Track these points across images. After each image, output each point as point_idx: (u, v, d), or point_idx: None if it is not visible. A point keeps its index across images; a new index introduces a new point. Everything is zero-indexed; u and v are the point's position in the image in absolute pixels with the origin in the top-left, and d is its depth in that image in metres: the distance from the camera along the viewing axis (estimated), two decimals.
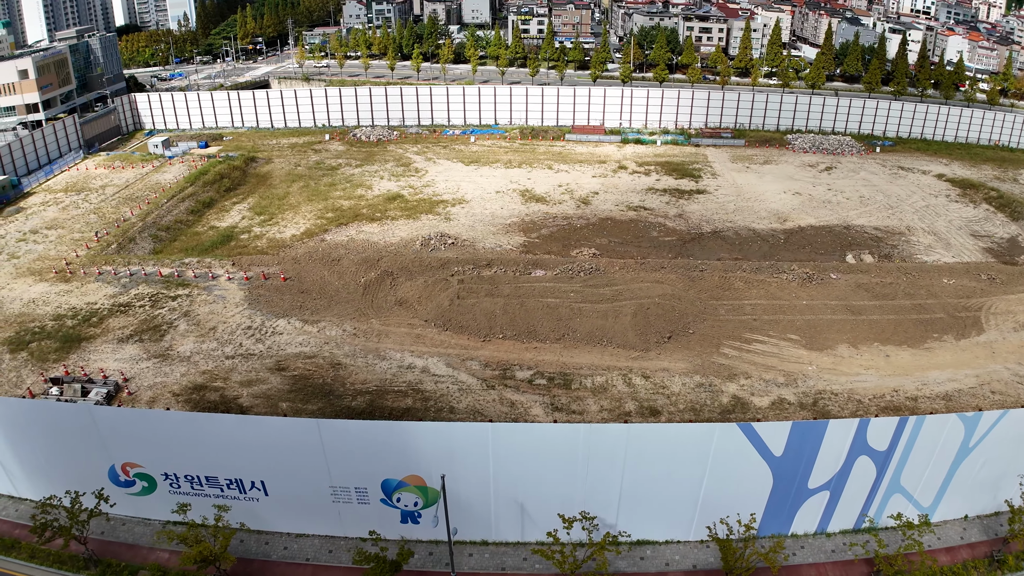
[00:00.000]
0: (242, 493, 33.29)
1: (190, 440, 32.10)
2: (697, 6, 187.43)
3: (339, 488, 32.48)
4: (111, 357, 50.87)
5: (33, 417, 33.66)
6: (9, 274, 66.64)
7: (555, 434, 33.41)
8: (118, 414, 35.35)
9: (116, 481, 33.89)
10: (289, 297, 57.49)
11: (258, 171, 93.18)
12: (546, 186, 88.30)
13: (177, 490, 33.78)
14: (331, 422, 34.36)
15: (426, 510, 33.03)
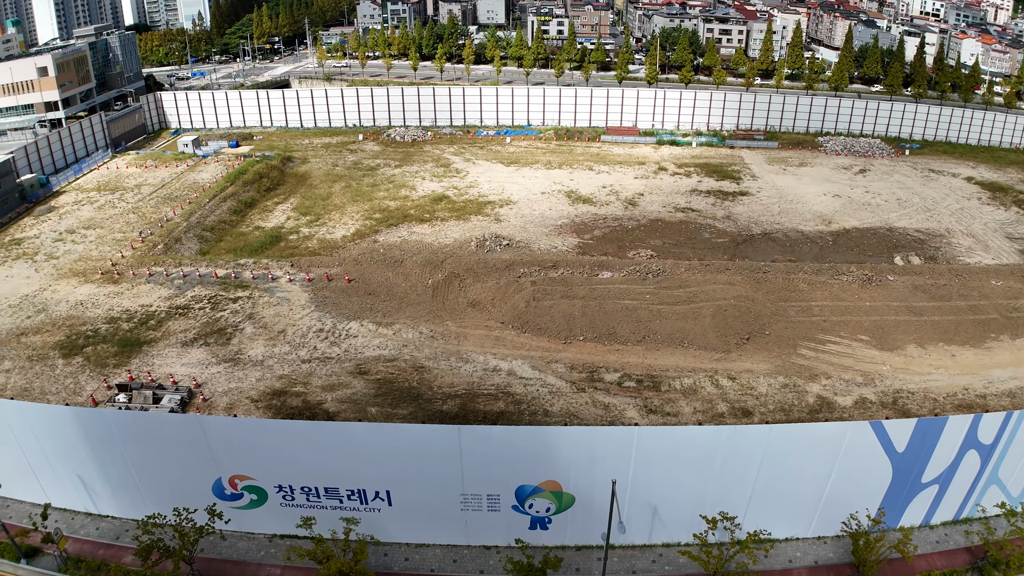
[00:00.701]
0: (363, 504, 31.99)
1: (312, 450, 30.70)
2: (712, 7, 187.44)
3: (471, 496, 31.39)
4: (176, 362, 49.37)
5: (131, 429, 31.94)
6: (50, 275, 65.08)
7: (698, 436, 32.91)
8: (233, 424, 33.71)
9: (220, 495, 32.33)
10: (357, 299, 56.17)
11: (296, 171, 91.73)
12: (590, 187, 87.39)
13: (290, 503, 32.37)
14: (473, 428, 33.33)
15: (557, 516, 32.20)
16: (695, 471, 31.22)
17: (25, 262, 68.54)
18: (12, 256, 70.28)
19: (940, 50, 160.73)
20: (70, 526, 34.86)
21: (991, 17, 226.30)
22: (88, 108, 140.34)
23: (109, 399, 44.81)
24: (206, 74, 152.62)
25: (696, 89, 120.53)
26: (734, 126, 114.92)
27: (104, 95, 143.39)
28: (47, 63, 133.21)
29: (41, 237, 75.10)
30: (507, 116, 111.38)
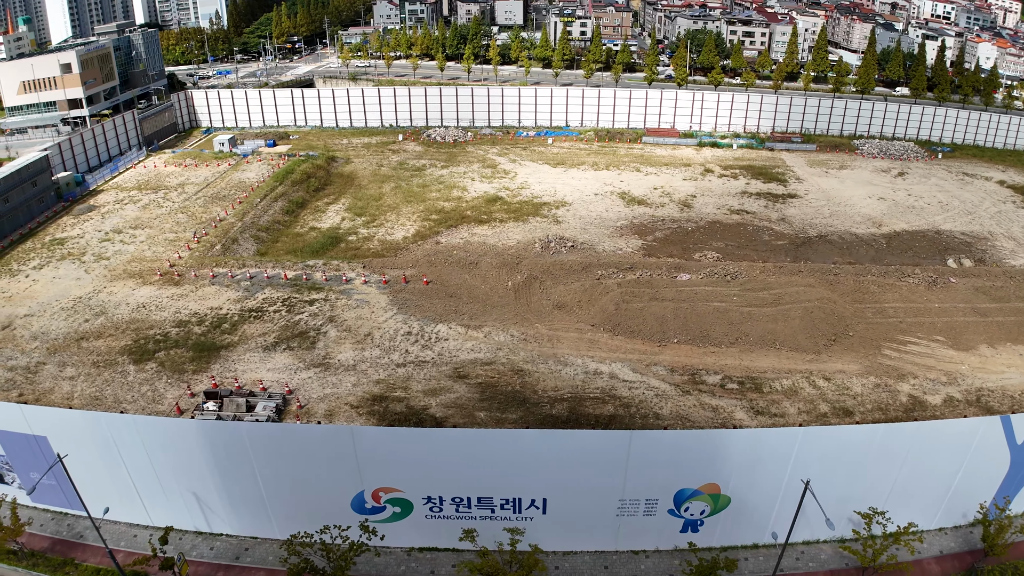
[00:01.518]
0: (516, 513, 30.88)
1: (468, 459, 29.62)
2: (728, 9, 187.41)
3: (629, 501, 30.63)
4: (261, 367, 47.90)
5: (268, 442, 30.44)
6: (103, 276, 63.48)
7: (856, 435, 32.53)
8: (386, 434, 32.10)
9: (360, 509, 31.00)
10: (439, 301, 54.96)
11: (341, 171, 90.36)
12: (641, 189, 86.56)
13: (437, 514, 31.21)
14: (644, 433, 32.36)
15: (710, 518, 31.78)
16: (847, 469, 31.03)
17: (72, 262, 66.92)
18: (56, 256, 68.64)
19: (960, 54, 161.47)
20: (177, 547, 33.28)
21: (1000, 20, 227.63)
22: (112, 106, 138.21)
23: (195, 407, 43.17)
24: (231, 72, 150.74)
25: (733, 91, 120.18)
26: (769, 128, 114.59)
27: (127, 93, 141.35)
28: (71, 59, 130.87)
29: (86, 237, 73.39)
30: (545, 117, 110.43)
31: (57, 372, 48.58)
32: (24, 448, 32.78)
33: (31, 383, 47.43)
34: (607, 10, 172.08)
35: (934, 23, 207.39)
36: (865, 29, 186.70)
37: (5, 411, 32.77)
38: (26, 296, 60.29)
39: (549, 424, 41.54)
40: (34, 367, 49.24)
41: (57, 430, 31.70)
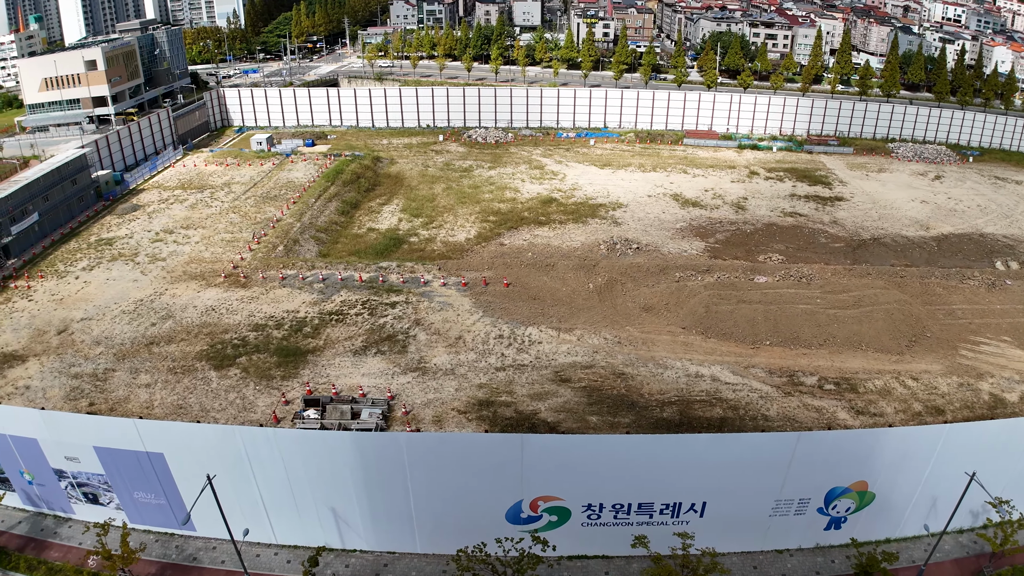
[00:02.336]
0: (674, 517, 30.41)
1: (635, 465, 29.00)
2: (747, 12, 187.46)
3: (783, 501, 30.46)
4: (354, 372, 46.82)
5: (428, 452, 29.37)
6: (162, 278, 62.22)
7: (996, 430, 32.72)
8: (557, 442, 31.14)
9: (515, 519, 30.18)
10: (523, 304, 54.19)
11: (388, 171, 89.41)
12: (692, 191, 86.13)
13: (595, 521, 30.54)
14: (810, 434, 32.18)
15: (853, 515, 31.91)
16: (982, 463, 30.81)
17: (125, 263, 65.70)
18: (107, 257, 67.42)
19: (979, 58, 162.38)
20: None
21: (1010, 23, 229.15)
22: (137, 104, 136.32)
23: (294, 415, 41.81)
24: (257, 71, 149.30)
25: (769, 94, 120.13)
26: (804, 131, 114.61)
27: (152, 91, 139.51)
28: (96, 56, 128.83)
29: (135, 237, 72.07)
30: (583, 118, 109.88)
31: (130, 379, 47.14)
32: (131, 466, 31.44)
33: (101, 391, 45.95)
34: (629, 11, 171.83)
35: (948, 26, 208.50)
36: (882, 32, 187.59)
37: (114, 427, 31.35)
38: (80, 299, 58.96)
39: (663, 428, 40.99)
40: (102, 374, 47.79)
41: (178, 446, 30.27)
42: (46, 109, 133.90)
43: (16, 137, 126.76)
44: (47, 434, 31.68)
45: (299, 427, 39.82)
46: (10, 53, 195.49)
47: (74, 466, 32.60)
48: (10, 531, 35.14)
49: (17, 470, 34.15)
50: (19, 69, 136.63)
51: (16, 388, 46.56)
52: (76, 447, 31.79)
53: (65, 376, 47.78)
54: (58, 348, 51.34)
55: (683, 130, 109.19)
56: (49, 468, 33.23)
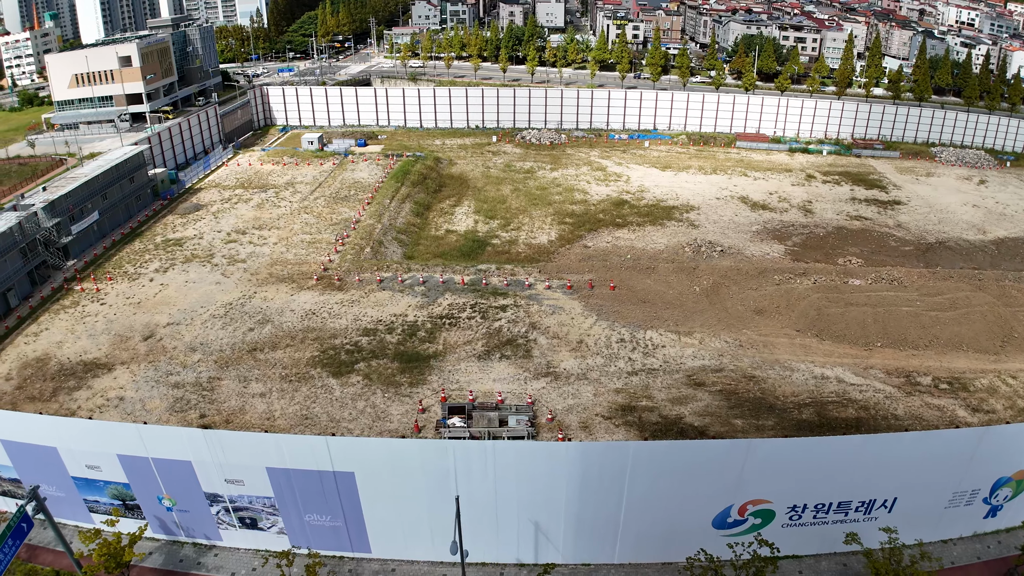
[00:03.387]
0: (866, 514, 30.59)
1: (840, 464, 29.08)
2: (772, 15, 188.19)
3: (959, 493, 31.20)
4: (484, 377, 45.89)
5: (652, 460, 28.73)
6: (248, 280, 60.97)
7: None
8: (780, 445, 31.08)
9: (722, 524, 30.03)
10: (634, 307, 53.89)
11: (450, 172, 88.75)
12: (758, 193, 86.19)
13: (796, 522, 30.53)
14: (989, 429, 32.72)
15: (1009, 502, 32.78)
16: None
17: (201, 265, 64.59)
18: (179, 258, 66.25)
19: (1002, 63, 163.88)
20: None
21: (1021, 27, 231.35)
22: (171, 102, 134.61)
23: (437, 424, 40.62)
24: (292, 70, 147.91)
25: (816, 98, 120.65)
26: (848, 135, 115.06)
27: (185, 89, 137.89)
28: (131, 52, 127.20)
29: (206, 238, 70.80)
30: (633, 120, 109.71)
31: (240, 388, 45.71)
32: (310, 488, 29.75)
33: (211, 402, 44.46)
34: (657, 13, 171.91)
35: (967, 31, 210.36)
36: (904, 36, 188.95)
37: (298, 446, 29.36)
38: (160, 302, 57.69)
39: (805, 429, 41.26)
40: (207, 383, 46.37)
41: (373, 464, 28.67)
42: (76, 106, 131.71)
43: (49, 134, 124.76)
44: (208, 455, 29.61)
45: (447, 436, 39.10)
46: (25, 51, 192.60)
47: (235, 489, 30.68)
48: (141, 564, 32.41)
49: (155, 496, 32.01)
50: (48, 65, 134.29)
51: (108, 400, 44.89)
52: (243, 469, 29.84)
53: (164, 386, 46.26)
54: (147, 355, 49.93)
55: (732, 133, 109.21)
56: (200, 492, 31.29)
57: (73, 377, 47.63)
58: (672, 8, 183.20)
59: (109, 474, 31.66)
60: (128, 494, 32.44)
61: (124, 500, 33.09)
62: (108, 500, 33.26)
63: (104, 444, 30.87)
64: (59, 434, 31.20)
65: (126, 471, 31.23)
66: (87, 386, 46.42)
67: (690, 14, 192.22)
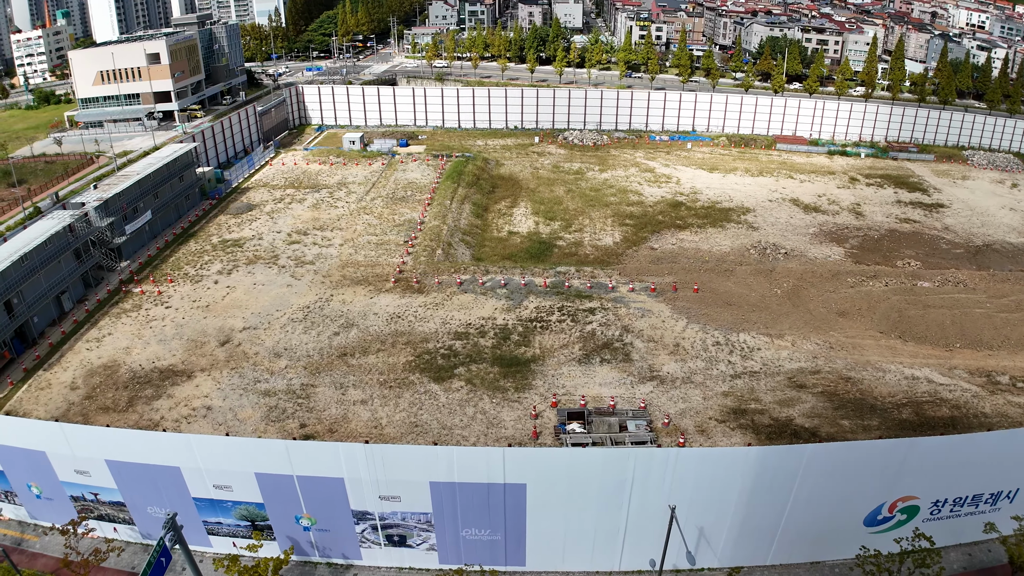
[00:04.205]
0: (992, 505, 31.39)
1: (984, 459, 29.81)
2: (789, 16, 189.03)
3: None
4: (589, 381, 45.70)
5: (827, 461, 28.76)
6: (319, 283, 60.12)
7: None
8: (940, 444, 31.18)
9: (872, 522, 30.57)
10: (721, 310, 54.20)
11: (500, 173, 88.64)
12: (807, 196, 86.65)
13: (935, 516, 31.17)
14: None
15: None
16: None
17: (267, 267, 63.73)
18: (242, 260, 65.26)
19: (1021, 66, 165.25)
20: None
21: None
22: (198, 101, 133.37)
23: (556, 430, 40.28)
24: (322, 69, 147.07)
25: (852, 101, 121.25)
26: (882, 137, 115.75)
27: (212, 88, 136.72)
28: (160, 49, 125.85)
29: (265, 238, 69.95)
30: (672, 121, 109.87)
31: (338, 395, 44.79)
32: (475, 501, 28.89)
33: (309, 410, 43.38)
34: (678, 15, 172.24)
35: (981, 34, 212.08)
36: (921, 39, 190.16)
37: (473, 458, 28.55)
38: (230, 305, 56.75)
39: (908, 428, 42.01)
40: (300, 390, 45.36)
41: (544, 475, 28.05)
42: (101, 104, 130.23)
43: (72, 132, 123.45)
44: (364, 472, 28.48)
45: (568, 442, 39.00)
46: (37, 49, 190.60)
47: (390, 506, 29.53)
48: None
49: (292, 516, 30.79)
50: (71, 61, 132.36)
51: (194, 410, 43.79)
52: (403, 484, 28.87)
53: (253, 394, 45.16)
54: (228, 361, 48.86)
55: (769, 135, 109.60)
56: (347, 511, 30.12)
57: (149, 385, 46.40)
58: (691, 9, 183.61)
59: (241, 494, 30.35)
60: (260, 514, 31.08)
61: (254, 520, 31.66)
62: (234, 522, 31.72)
63: (241, 462, 29.49)
64: (188, 453, 29.62)
65: (262, 490, 29.92)
66: (167, 395, 45.23)
67: (708, 15, 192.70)
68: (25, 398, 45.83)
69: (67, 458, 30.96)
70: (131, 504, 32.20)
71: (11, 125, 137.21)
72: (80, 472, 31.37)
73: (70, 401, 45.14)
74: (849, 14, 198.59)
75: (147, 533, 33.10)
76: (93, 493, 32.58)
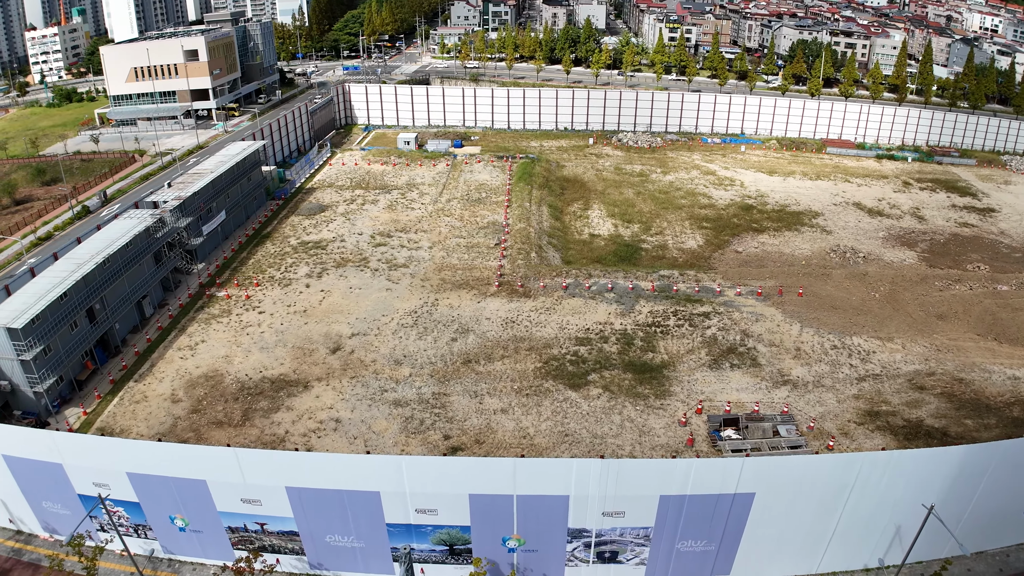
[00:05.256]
0: None
1: None
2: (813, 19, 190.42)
3: None
4: (725, 387, 46.01)
5: None
6: (419, 287, 59.31)
7: None
8: None
9: None
10: (828, 313, 55.46)
11: (563, 175, 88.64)
12: (868, 199, 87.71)
13: None
14: None
15: None
16: None
17: (359, 270, 62.57)
18: (329, 263, 64.09)
19: None
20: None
21: None
22: (234, 99, 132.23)
23: (712, 436, 40.50)
24: (359, 68, 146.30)
25: (896, 105, 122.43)
26: (924, 141, 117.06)
27: (247, 86, 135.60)
28: (198, 45, 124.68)
29: (348, 240, 68.84)
30: (721, 124, 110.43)
31: (475, 404, 43.84)
32: (701, 513, 28.63)
33: (449, 420, 42.25)
34: (706, 17, 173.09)
35: (999, 38, 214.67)
36: (942, 43, 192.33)
37: (711, 469, 28.34)
38: (330, 311, 55.34)
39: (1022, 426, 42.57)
40: (433, 400, 44.21)
41: (772, 483, 27.97)
42: (135, 101, 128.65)
43: (105, 130, 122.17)
44: (594, 488, 27.70)
45: (728, 448, 39.33)
46: (52, 47, 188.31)
47: (611, 522, 28.90)
48: None
49: (500, 537, 29.67)
50: (103, 57, 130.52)
51: (320, 423, 42.20)
52: (631, 500, 28.25)
53: (382, 404, 43.83)
54: (345, 370, 47.48)
55: (815, 138, 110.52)
56: (564, 530, 29.09)
57: (262, 396, 44.66)
58: (717, 12, 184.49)
59: (447, 517, 28.89)
60: (463, 538, 29.63)
61: (452, 545, 30.05)
62: (428, 547, 30.05)
63: (456, 483, 28.25)
64: (395, 476, 27.95)
65: (472, 512, 28.59)
66: (285, 407, 43.77)
67: (732, 18, 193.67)
68: (119, 412, 43.65)
69: (236, 487, 28.87)
70: (308, 534, 30.28)
71: (35, 123, 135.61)
72: (248, 501, 29.34)
73: (175, 415, 43.05)
74: (869, 17, 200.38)
75: (317, 563, 31.43)
76: (260, 523, 30.39)
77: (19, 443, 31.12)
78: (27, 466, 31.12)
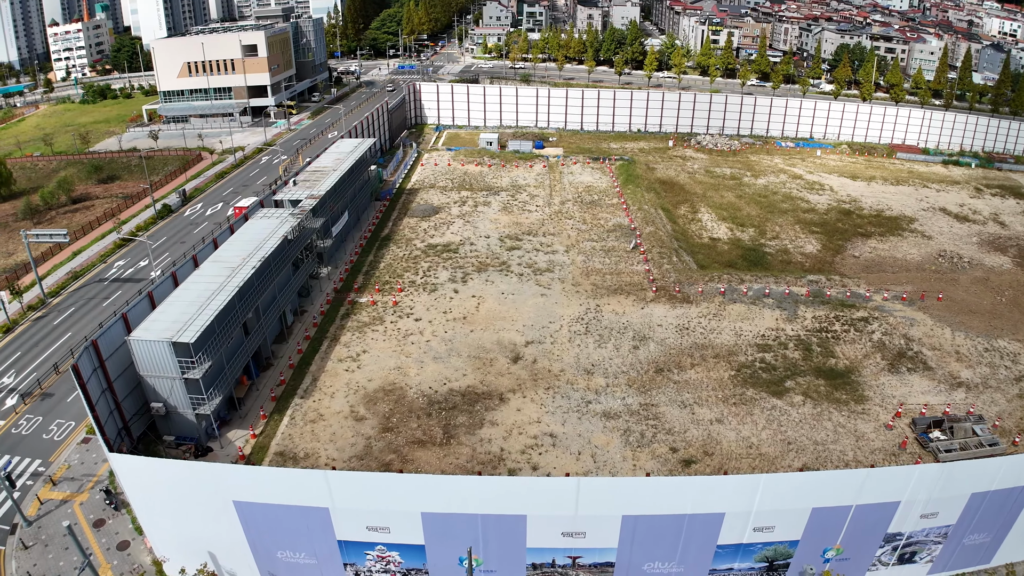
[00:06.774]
0: None
1: None
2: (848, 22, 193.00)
3: None
4: (913, 390, 47.02)
5: None
6: (572, 292, 59.03)
7: None
8: None
9: None
10: (969, 317, 57.35)
11: (657, 177, 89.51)
12: (950, 205, 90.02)
13: None
14: None
15: None
16: None
17: (502, 275, 62.06)
18: (468, 267, 63.34)
19: None
20: None
21: None
22: (290, 97, 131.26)
23: (920, 440, 41.70)
24: (415, 67, 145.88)
25: (955, 112, 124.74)
26: (980, 147, 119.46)
27: (301, 83, 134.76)
28: (258, 41, 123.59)
29: (477, 244, 68.39)
30: (791, 128, 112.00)
31: (687, 415, 43.58)
32: (998, 508, 30.00)
33: (669, 432, 41.91)
34: (745, 20, 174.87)
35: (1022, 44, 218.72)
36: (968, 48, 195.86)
37: (1004, 468, 29.13)
38: (491, 317, 54.68)
39: None
40: (642, 410, 43.88)
41: None
42: (188, 97, 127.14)
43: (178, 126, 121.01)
44: (925, 493, 28.90)
45: (941, 448, 40.66)
46: (76, 43, 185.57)
47: (924, 523, 30.25)
48: None
49: (823, 548, 30.15)
50: (154, 51, 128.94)
51: (534, 438, 40.73)
52: (947, 501, 29.50)
53: (592, 416, 42.85)
54: (536, 380, 46.34)
55: (881, 143, 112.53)
56: (881, 536, 29.90)
57: (457, 411, 42.80)
58: (756, 15, 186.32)
59: (782, 533, 29.05)
60: (787, 552, 29.99)
61: (772, 561, 30.42)
62: (748, 565, 30.15)
63: (800, 497, 28.41)
64: (751, 496, 27.77)
65: (808, 525, 28.89)
66: (488, 422, 41.77)
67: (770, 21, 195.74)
68: (295, 434, 40.91)
69: (559, 520, 27.17)
70: (625, 564, 28.77)
71: (74, 119, 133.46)
72: (570, 534, 27.59)
73: (364, 435, 40.42)
74: (899, 22, 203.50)
75: None
76: (572, 556, 28.97)
77: (284, 490, 27.62)
78: (268, 512, 27.86)
